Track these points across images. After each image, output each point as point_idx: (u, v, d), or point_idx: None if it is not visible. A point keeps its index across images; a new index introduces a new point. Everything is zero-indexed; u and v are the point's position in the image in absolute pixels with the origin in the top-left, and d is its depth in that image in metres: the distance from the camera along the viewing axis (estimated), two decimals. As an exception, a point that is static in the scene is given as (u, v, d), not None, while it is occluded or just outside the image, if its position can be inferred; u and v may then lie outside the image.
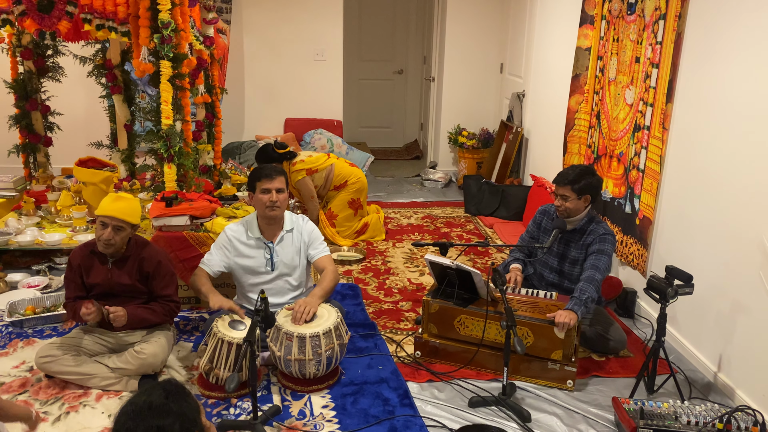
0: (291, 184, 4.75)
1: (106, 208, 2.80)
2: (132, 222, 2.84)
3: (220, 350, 2.73)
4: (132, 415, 1.42)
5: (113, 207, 2.79)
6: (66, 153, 5.37)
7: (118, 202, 2.82)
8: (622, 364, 3.23)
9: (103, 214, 2.80)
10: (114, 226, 2.79)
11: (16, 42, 4.64)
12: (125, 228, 2.83)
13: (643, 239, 3.69)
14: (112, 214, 2.78)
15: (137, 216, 2.87)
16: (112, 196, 2.87)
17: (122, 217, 2.79)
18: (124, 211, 2.80)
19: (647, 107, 3.64)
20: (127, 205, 2.83)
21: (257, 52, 6.60)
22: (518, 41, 6.13)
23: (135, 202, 2.90)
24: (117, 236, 2.81)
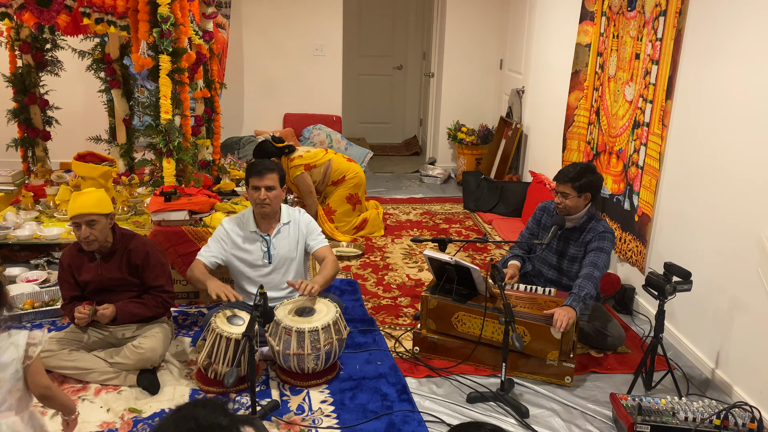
0: (289, 180, 4.75)
1: (72, 208, 2.76)
2: (101, 212, 2.77)
3: (218, 345, 2.73)
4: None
5: (77, 204, 2.75)
6: (64, 147, 5.36)
7: (81, 197, 2.78)
8: (620, 360, 3.23)
9: (71, 215, 2.76)
10: (86, 221, 2.75)
11: (15, 36, 4.62)
12: (98, 220, 2.77)
13: (642, 236, 3.69)
14: (80, 212, 2.74)
15: (105, 205, 2.80)
16: (74, 195, 2.81)
17: (89, 210, 2.74)
18: (89, 204, 2.75)
19: (647, 104, 3.63)
20: (89, 197, 2.78)
21: (256, 47, 6.59)
22: (518, 37, 6.12)
23: (98, 192, 2.83)
24: (94, 230, 2.77)
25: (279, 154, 4.73)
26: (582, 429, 2.68)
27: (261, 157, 4.64)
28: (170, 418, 1.33)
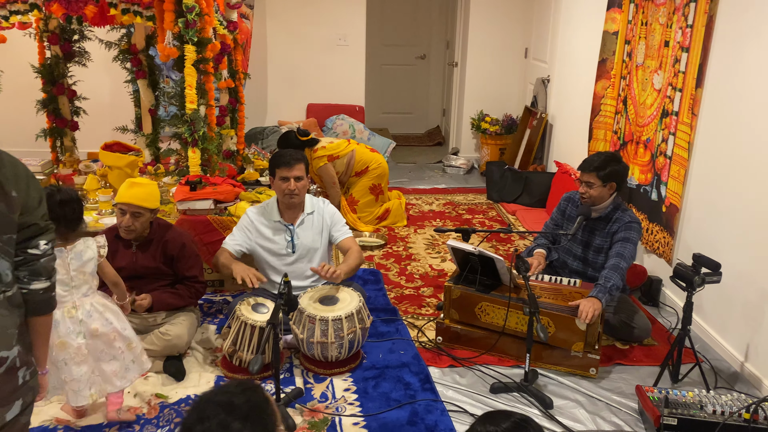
0: (312, 171, 4.76)
1: (122, 194, 2.80)
2: (149, 207, 2.83)
3: (243, 333, 2.75)
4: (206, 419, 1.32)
5: (129, 193, 2.79)
6: (91, 137, 5.43)
7: (134, 188, 2.82)
8: (646, 352, 3.19)
9: (120, 201, 2.81)
10: (132, 212, 2.81)
11: (43, 27, 4.68)
12: (143, 213, 2.83)
13: (670, 227, 3.63)
14: (129, 201, 2.79)
15: (155, 200, 2.86)
16: (128, 182, 2.86)
17: (139, 203, 2.79)
18: (140, 197, 2.80)
19: (676, 92, 3.56)
20: (142, 190, 2.82)
21: (280, 37, 6.60)
22: (543, 26, 6.04)
23: (152, 186, 2.88)
24: (136, 222, 2.83)
25: (302, 147, 4.74)
26: (607, 421, 2.66)
27: (286, 148, 4.65)
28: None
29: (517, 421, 1.39)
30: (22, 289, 1.58)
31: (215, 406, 1.35)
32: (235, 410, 1.34)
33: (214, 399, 1.37)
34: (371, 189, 4.87)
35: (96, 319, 2.39)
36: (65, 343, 2.33)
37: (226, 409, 1.34)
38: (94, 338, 2.38)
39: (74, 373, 2.35)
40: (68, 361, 2.33)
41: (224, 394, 1.38)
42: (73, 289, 2.36)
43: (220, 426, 1.31)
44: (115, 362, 2.44)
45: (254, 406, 1.36)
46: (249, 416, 1.34)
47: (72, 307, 2.36)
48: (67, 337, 2.33)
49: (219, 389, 1.42)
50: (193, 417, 1.34)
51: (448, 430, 2.54)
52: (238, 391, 1.39)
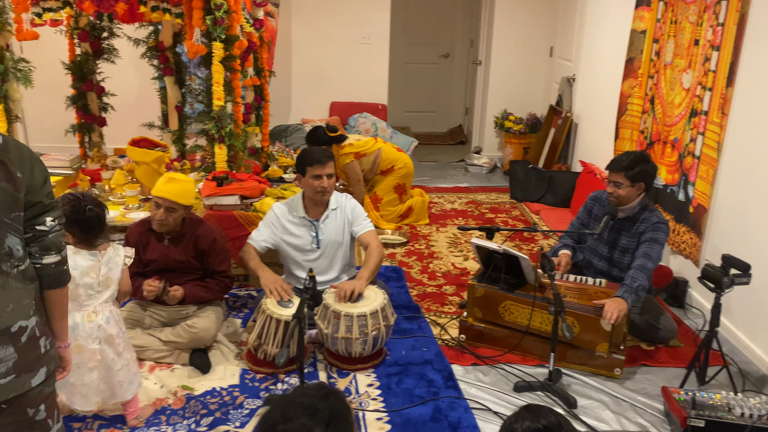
0: (339, 168, 4.78)
1: (159, 189, 2.85)
2: (183, 203, 2.88)
3: (268, 327, 2.78)
4: (288, 420, 1.32)
5: (165, 188, 2.84)
6: (118, 133, 5.51)
7: (171, 183, 2.86)
8: (672, 354, 3.16)
9: (156, 195, 2.86)
10: (166, 207, 2.85)
11: (74, 24, 4.76)
12: (177, 209, 2.87)
13: (697, 228, 3.58)
14: (165, 196, 2.83)
15: (189, 197, 2.90)
16: (166, 177, 2.91)
17: (174, 199, 2.84)
18: (176, 193, 2.84)
19: (705, 91, 3.52)
20: (178, 186, 2.86)
21: (304, 35, 6.63)
22: (569, 24, 6.00)
23: (188, 184, 2.92)
24: (170, 217, 2.88)
25: (331, 143, 4.76)
26: (632, 422, 2.64)
27: (315, 144, 4.70)
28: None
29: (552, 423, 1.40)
30: (35, 264, 1.66)
31: (298, 408, 1.34)
32: (317, 415, 1.33)
33: (298, 401, 1.36)
34: (395, 188, 4.87)
35: (113, 326, 2.41)
36: (81, 347, 2.34)
37: (309, 413, 1.33)
38: (109, 345, 2.40)
39: (85, 378, 2.37)
40: (81, 365, 2.35)
41: (308, 398, 1.37)
42: (97, 294, 2.40)
43: (302, 429, 1.31)
44: (122, 372, 2.44)
45: (336, 412, 1.36)
46: (330, 423, 1.33)
47: (93, 311, 2.38)
48: (84, 341, 2.35)
49: (302, 391, 1.41)
50: (275, 416, 1.34)
51: (471, 427, 2.53)
52: (321, 395, 1.39)
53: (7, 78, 3.62)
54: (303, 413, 1.33)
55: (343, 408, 1.39)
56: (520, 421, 1.46)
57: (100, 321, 2.38)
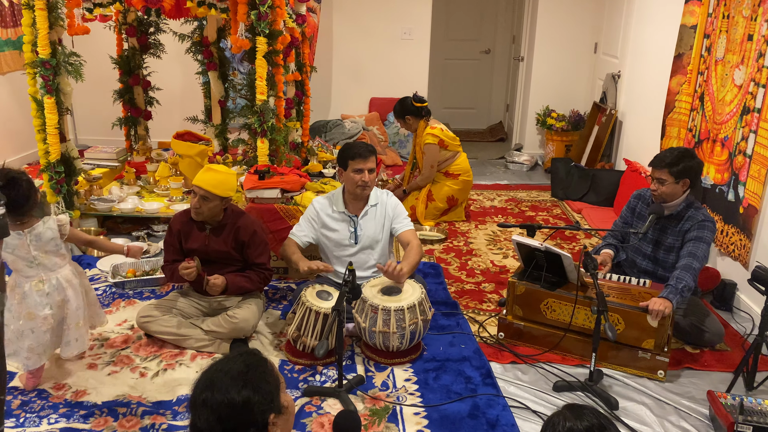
0: (419, 143, 4.78)
1: (198, 177, 2.92)
2: (218, 194, 2.90)
3: (307, 319, 2.80)
4: (209, 385, 1.45)
5: (203, 177, 2.90)
6: (163, 127, 5.64)
7: (208, 173, 2.91)
8: (718, 357, 3.07)
9: (194, 183, 2.93)
10: (201, 195, 2.90)
11: (122, 20, 4.88)
12: (212, 199, 2.90)
13: (747, 229, 3.47)
14: (200, 184, 2.89)
15: (226, 189, 2.92)
16: (207, 167, 2.96)
17: (208, 188, 2.87)
18: (212, 183, 2.88)
19: (759, 88, 3.40)
20: (214, 177, 2.90)
21: (345, 31, 6.66)
22: (615, 19, 5.87)
23: (226, 176, 2.93)
24: (204, 205, 2.91)
25: (416, 114, 4.78)
26: (676, 425, 2.57)
27: (400, 111, 4.80)
28: None
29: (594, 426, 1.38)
30: None
31: (216, 372, 1.46)
32: (233, 373, 1.45)
33: (215, 367, 1.49)
34: (449, 199, 4.84)
35: (62, 292, 2.62)
36: (32, 314, 2.57)
37: (225, 373, 1.45)
38: (59, 309, 2.63)
39: (41, 339, 2.60)
40: (35, 329, 2.58)
41: (223, 362, 1.50)
42: (38, 266, 2.58)
43: (223, 389, 1.42)
44: (71, 332, 2.68)
45: (251, 366, 1.48)
46: (248, 376, 1.45)
47: (39, 281, 2.58)
48: (35, 308, 2.57)
49: (218, 360, 1.54)
50: (198, 386, 1.47)
51: (510, 425, 2.51)
52: (236, 356, 1.52)
53: (59, 71, 3.72)
54: (221, 375, 1.45)
55: (258, 362, 1.51)
56: (562, 421, 1.43)
57: (48, 289, 2.58)
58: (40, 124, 3.78)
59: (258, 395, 1.43)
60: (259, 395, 1.43)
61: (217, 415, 1.41)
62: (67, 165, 3.96)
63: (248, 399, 1.42)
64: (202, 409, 1.43)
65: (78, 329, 2.71)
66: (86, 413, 2.53)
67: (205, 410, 1.42)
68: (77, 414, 2.52)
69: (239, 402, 1.42)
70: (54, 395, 2.64)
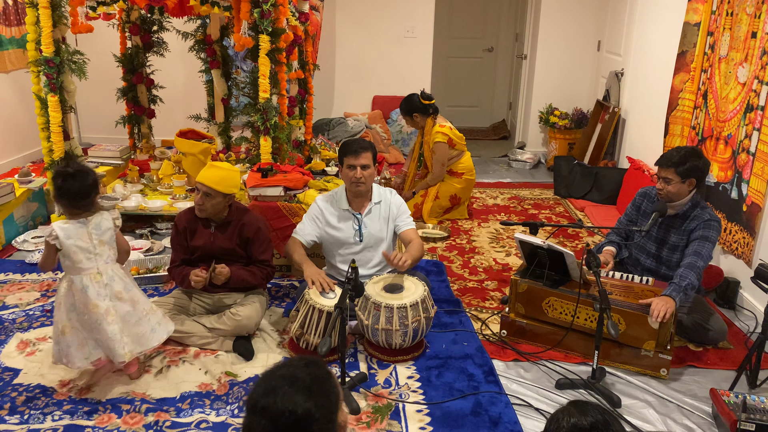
0: (428, 141, 4.81)
1: (201, 174, 2.93)
2: (221, 191, 2.91)
3: (311, 317, 2.81)
4: (271, 391, 1.39)
5: (205, 174, 2.92)
6: (166, 125, 5.64)
7: (211, 170, 2.93)
8: (721, 355, 3.07)
9: (197, 180, 2.94)
10: (204, 191, 2.91)
11: (126, 18, 4.89)
12: (214, 195, 2.92)
13: (750, 227, 3.47)
14: (203, 181, 2.90)
15: (228, 186, 2.92)
16: (209, 164, 2.97)
17: (211, 185, 2.89)
18: (214, 180, 2.89)
19: (762, 86, 3.39)
20: (217, 173, 2.91)
21: (348, 29, 6.66)
22: (618, 17, 5.86)
23: (229, 172, 2.94)
24: (207, 202, 2.93)
25: (424, 111, 4.79)
26: (679, 423, 2.57)
27: (407, 108, 4.82)
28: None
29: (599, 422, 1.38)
30: None
31: (280, 379, 1.41)
32: (298, 383, 1.40)
33: (279, 373, 1.43)
34: (451, 198, 4.85)
35: (117, 283, 2.64)
36: (97, 305, 2.57)
37: (290, 382, 1.40)
38: (120, 301, 2.63)
39: (109, 332, 2.58)
40: (101, 320, 2.58)
41: (288, 368, 1.44)
42: (96, 257, 2.61)
43: (285, 398, 1.37)
44: (141, 324, 2.67)
45: (317, 379, 1.42)
46: (312, 389, 1.39)
47: (96, 272, 2.61)
48: (96, 299, 2.58)
49: (283, 364, 1.48)
50: (259, 390, 1.41)
51: (512, 422, 2.51)
52: (301, 365, 1.46)
53: (62, 69, 3.74)
54: (285, 383, 1.39)
55: (323, 374, 1.44)
56: (567, 418, 1.44)
57: (106, 280, 2.61)
58: (43, 122, 3.79)
59: (320, 411, 1.38)
60: (321, 411, 1.38)
61: (276, 425, 1.36)
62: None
63: (309, 413, 1.37)
64: (260, 415, 1.37)
65: (155, 314, 2.75)
66: (90, 410, 2.54)
67: (264, 417, 1.37)
68: (81, 411, 2.53)
69: (300, 415, 1.36)
70: (58, 392, 2.65)
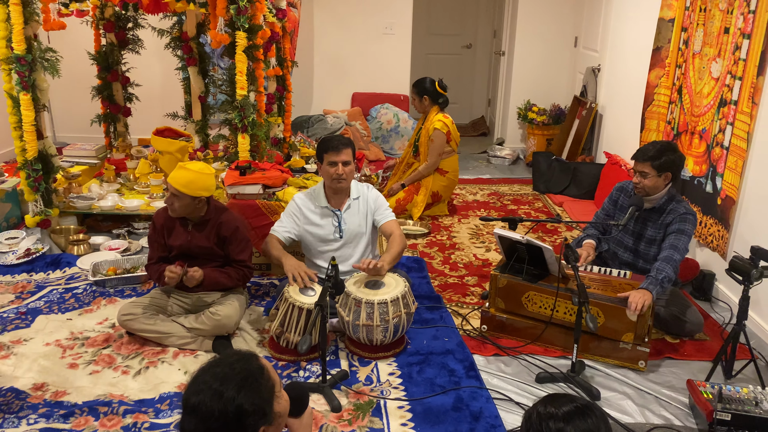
0: (427, 129, 4.81)
1: (170, 175, 2.90)
2: (187, 193, 2.86)
3: (291, 315, 2.79)
4: (201, 389, 1.39)
5: (173, 175, 2.87)
6: (143, 123, 5.57)
7: (179, 171, 2.88)
8: (698, 347, 3.11)
9: (167, 180, 2.91)
10: (172, 193, 2.89)
11: (100, 15, 4.81)
12: (182, 197, 2.88)
13: (725, 220, 3.52)
14: (170, 182, 2.87)
15: (196, 188, 2.86)
16: (179, 165, 2.91)
17: (177, 187, 2.85)
18: (181, 182, 2.84)
19: (735, 81, 3.44)
20: (185, 176, 2.85)
21: (326, 25, 6.63)
22: (594, 14, 5.91)
23: (198, 175, 2.86)
24: (176, 203, 2.90)
25: (434, 98, 4.82)
26: (656, 414, 2.60)
27: (421, 89, 4.82)
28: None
29: (580, 406, 1.38)
30: None
31: (210, 377, 1.41)
32: (228, 380, 1.39)
33: (210, 371, 1.43)
34: (433, 195, 4.86)
35: None
36: None
37: (220, 380, 1.39)
38: None
39: None
40: None
41: (218, 366, 1.44)
42: None
43: (214, 397, 1.37)
44: None
45: (248, 374, 1.42)
46: (243, 385, 1.39)
47: None
48: None
49: (216, 361, 1.47)
50: (190, 390, 1.41)
51: (493, 417, 2.52)
52: (232, 360, 1.45)
53: (34, 67, 3.66)
54: (215, 380, 1.39)
55: (255, 369, 1.44)
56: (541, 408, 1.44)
57: None
58: (16, 121, 3.72)
59: (252, 407, 1.37)
60: (253, 407, 1.38)
61: (207, 424, 1.36)
62: (45, 162, 3.90)
63: (241, 409, 1.36)
64: (191, 414, 1.37)
65: None
66: (66, 413, 2.50)
67: (194, 416, 1.37)
68: (57, 414, 2.49)
69: (231, 412, 1.36)
70: (32, 395, 2.61)
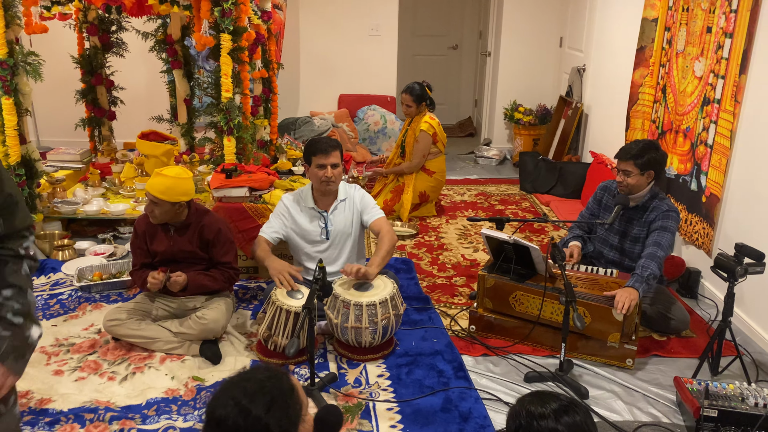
0: (414, 129, 4.82)
1: (148, 182, 2.87)
2: (166, 200, 2.83)
3: (278, 318, 2.78)
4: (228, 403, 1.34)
5: (151, 182, 2.85)
6: (128, 127, 5.53)
7: (156, 178, 2.85)
8: (684, 344, 3.14)
9: (145, 187, 2.89)
10: (150, 199, 2.86)
11: (83, 18, 4.77)
12: (161, 204, 2.85)
13: (710, 217, 3.55)
14: (148, 189, 2.85)
15: (174, 194, 2.83)
16: (156, 172, 2.88)
17: (155, 194, 2.83)
18: (158, 189, 2.82)
19: (718, 79, 3.47)
20: (162, 182, 2.82)
21: (312, 27, 6.61)
22: (579, 14, 5.94)
23: (175, 180, 2.83)
24: (156, 210, 2.87)
25: (423, 98, 4.84)
26: (644, 412, 2.62)
27: (415, 96, 4.82)
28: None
29: (565, 404, 1.38)
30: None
31: (240, 391, 1.35)
32: (257, 397, 1.34)
33: (240, 384, 1.37)
34: (420, 195, 4.86)
35: None
36: None
37: (250, 396, 1.34)
38: None
39: None
40: None
41: (249, 381, 1.38)
42: None
43: (243, 413, 1.31)
44: None
45: (278, 394, 1.36)
46: (272, 404, 1.34)
47: None
48: None
49: (245, 374, 1.41)
50: (217, 401, 1.35)
51: (482, 417, 2.53)
52: (264, 377, 1.39)
53: (17, 71, 3.63)
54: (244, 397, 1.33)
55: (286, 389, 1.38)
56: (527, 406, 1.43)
57: None
58: (-2, 126, 3.68)
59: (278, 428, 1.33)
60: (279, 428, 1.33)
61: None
62: (28, 167, 3.87)
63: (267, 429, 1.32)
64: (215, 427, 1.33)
65: None
66: (51, 420, 2.47)
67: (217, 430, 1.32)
68: (42, 422, 2.46)
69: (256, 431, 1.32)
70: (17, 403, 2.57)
